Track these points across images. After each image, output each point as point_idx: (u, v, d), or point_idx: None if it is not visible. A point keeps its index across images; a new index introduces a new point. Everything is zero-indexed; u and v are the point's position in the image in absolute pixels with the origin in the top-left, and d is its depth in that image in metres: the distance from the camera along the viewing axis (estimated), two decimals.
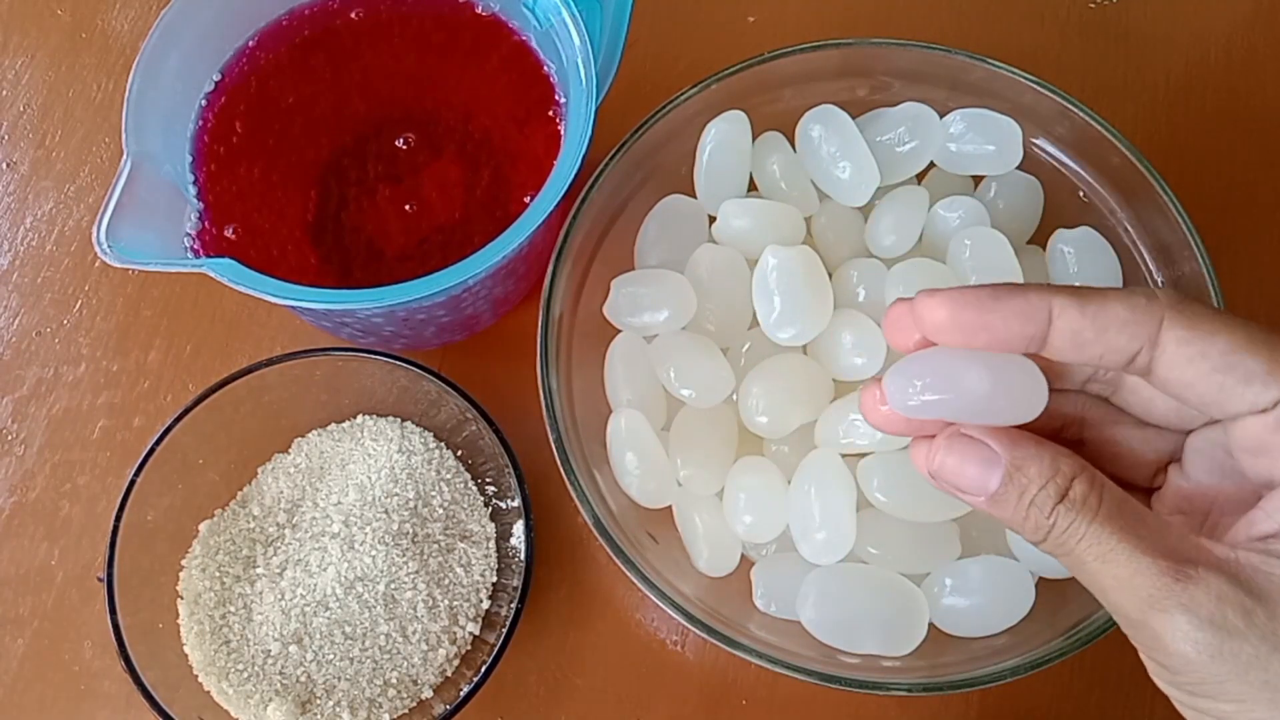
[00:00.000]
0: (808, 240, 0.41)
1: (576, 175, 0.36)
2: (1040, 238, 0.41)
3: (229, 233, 0.39)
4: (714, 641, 0.35)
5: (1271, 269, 0.46)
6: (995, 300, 0.25)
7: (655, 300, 0.39)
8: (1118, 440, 0.29)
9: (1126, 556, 0.24)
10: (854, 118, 0.41)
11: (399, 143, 0.41)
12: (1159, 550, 0.24)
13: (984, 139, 0.40)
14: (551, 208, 0.35)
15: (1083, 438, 0.30)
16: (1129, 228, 0.41)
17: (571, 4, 0.38)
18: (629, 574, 0.35)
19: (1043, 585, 0.36)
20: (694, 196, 0.41)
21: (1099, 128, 0.40)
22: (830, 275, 0.39)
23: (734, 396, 0.38)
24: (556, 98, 0.41)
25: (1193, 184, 0.40)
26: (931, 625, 0.36)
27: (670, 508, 0.39)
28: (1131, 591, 0.24)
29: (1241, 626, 0.23)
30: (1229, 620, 0.23)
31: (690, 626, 0.35)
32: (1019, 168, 0.41)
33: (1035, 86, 0.40)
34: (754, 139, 0.41)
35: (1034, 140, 0.41)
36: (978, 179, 0.42)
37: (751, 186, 0.42)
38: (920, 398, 0.26)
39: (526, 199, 0.40)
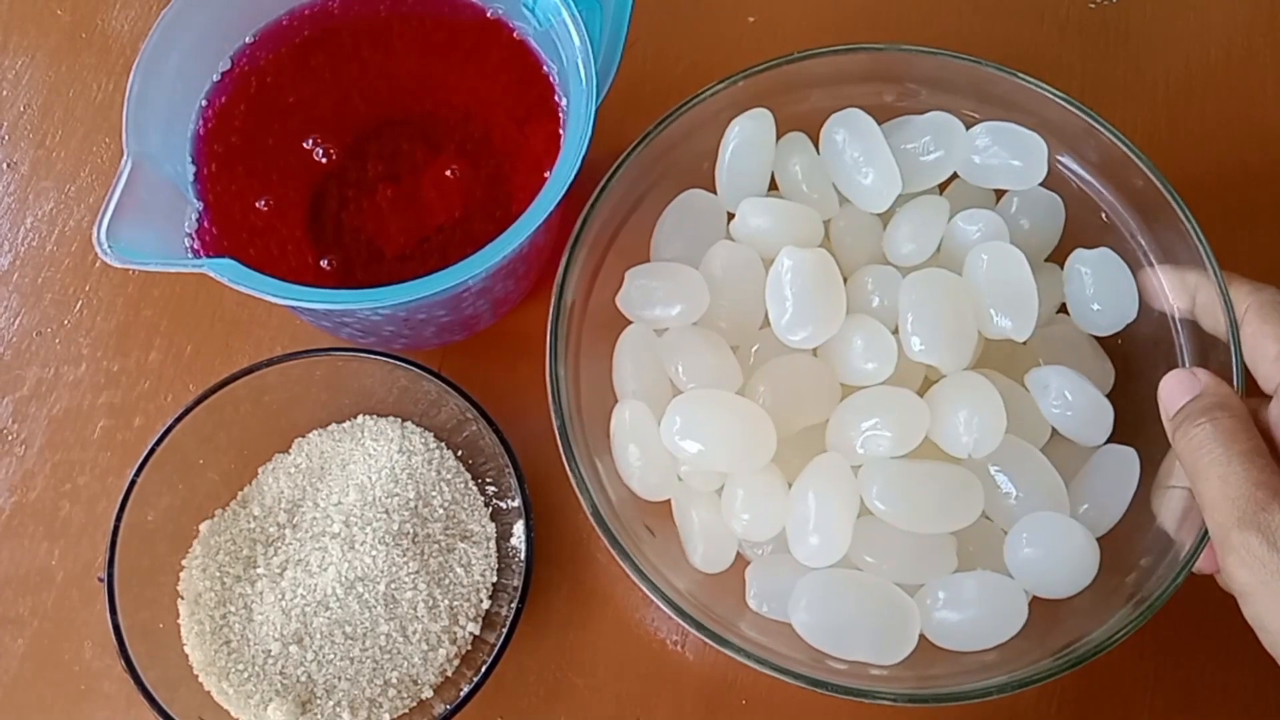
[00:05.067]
0: (825, 243, 0.41)
1: (576, 175, 0.36)
2: (1059, 255, 0.41)
3: (228, 232, 0.39)
4: (703, 638, 0.35)
5: (1271, 268, 0.46)
6: None
7: (668, 294, 0.39)
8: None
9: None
10: (880, 123, 0.40)
11: (434, 156, 0.41)
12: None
13: (1009, 153, 0.40)
14: (551, 208, 0.35)
15: None
16: (1148, 251, 0.40)
17: (571, 4, 0.38)
18: (623, 565, 0.35)
19: (1036, 604, 0.36)
20: (714, 192, 0.41)
21: (1124, 148, 0.39)
22: (845, 280, 0.39)
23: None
24: (556, 98, 0.41)
25: (1192, 184, 0.40)
26: (922, 637, 0.36)
27: (669, 501, 0.39)
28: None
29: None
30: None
31: (681, 621, 0.35)
32: (1042, 184, 0.40)
33: (1061, 103, 0.40)
34: (778, 138, 0.41)
35: (1059, 157, 0.41)
36: (1000, 192, 0.42)
37: (772, 186, 0.42)
38: None
39: (527, 199, 0.40)
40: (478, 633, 0.40)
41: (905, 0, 0.51)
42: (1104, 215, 0.41)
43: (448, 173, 0.41)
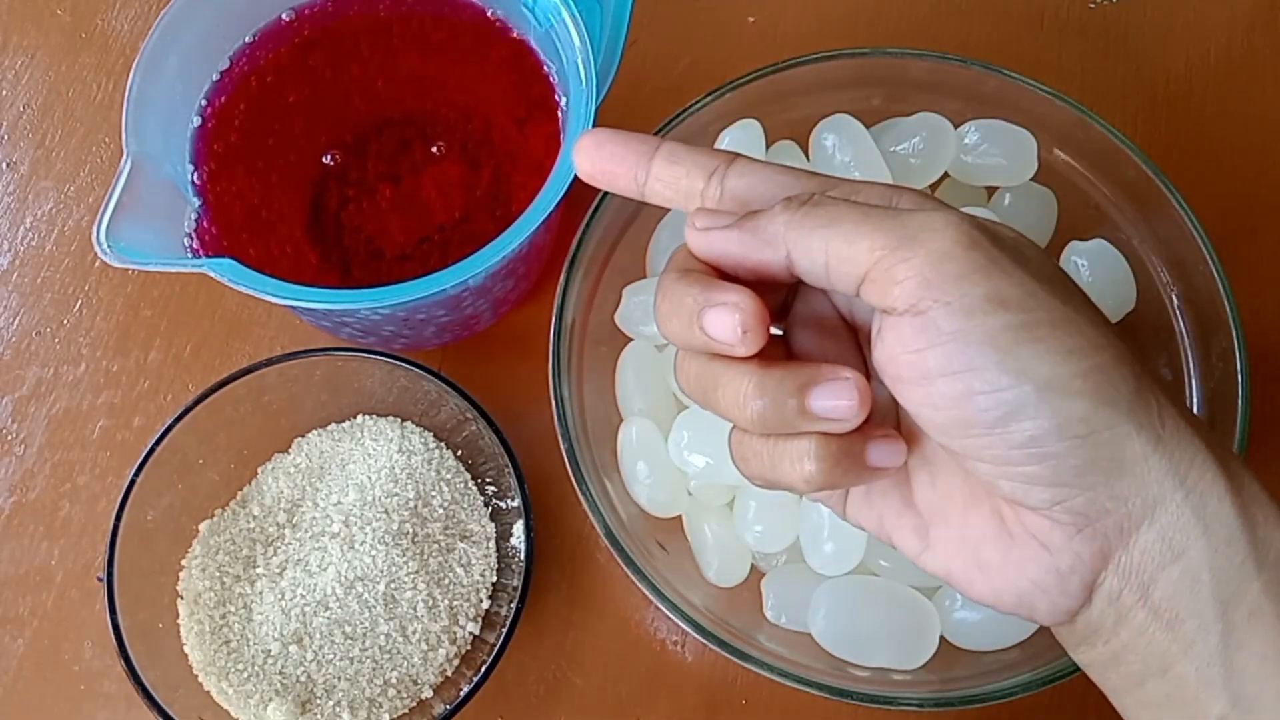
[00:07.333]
0: None
1: (576, 175, 0.36)
2: (1054, 249, 0.41)
3: (228, 232, 0.39)
4: (726, 655, 0.35)
5: (1272, 267, 0.46)
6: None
7: None
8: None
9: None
10: (868, 127, 0.40)
11: (434, 149, 0.41)
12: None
13: (998, 150, 0.40)
14: (551, 208, 0.35)
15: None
16: (1143, 239, 0.40)
17: (571, 4, 0.38)
18: (640, 585, 0.35)
19: None
20: None
21: (1115, 140, 0.39)
22: None
23: None
24: (556, 98, 0.41)
25: (1193, 184, 0.40)
26: (942, 638, 0.36)
27: (680, 517, 0.39)
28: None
29: None
30: None
31: (703, 640, 0.35)
32: (1033, 179, 0.40)
33: (1051, 98, 0.40)
34: (767, 147, 0.41)
35: (1049, 152, 0.41)
36: (991, 190, 0.42)
37: None
38: None
39: (526, 199, 0.40)
40: (478, 633, 0.40)
41: (905, 3, 0.51)
42: (1097, 206, 0.41)
43: (434, 149, 0.41)
